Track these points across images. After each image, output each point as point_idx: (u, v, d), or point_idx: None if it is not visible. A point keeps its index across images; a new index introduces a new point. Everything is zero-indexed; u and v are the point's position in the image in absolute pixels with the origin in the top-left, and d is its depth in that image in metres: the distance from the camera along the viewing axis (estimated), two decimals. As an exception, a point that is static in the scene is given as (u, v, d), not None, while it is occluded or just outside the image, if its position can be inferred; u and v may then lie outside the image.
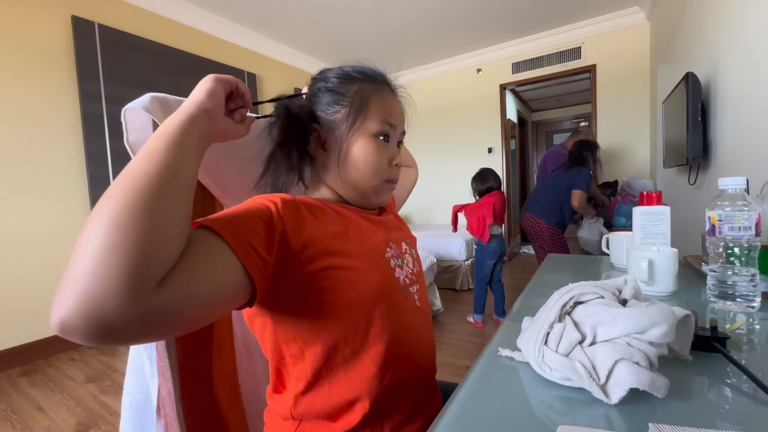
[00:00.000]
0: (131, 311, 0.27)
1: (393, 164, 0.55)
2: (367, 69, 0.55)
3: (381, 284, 0.48)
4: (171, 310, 0.30)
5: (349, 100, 0.52)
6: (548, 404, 0.37)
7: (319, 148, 0.54)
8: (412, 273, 0.57)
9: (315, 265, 0.44)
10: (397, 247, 0.56)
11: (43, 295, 2.17)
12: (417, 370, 0.53)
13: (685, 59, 2.12)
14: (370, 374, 0.47)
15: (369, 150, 0.52)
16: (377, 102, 0.53)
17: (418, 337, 0.54)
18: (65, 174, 2.27)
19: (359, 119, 0.51)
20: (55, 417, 1.56)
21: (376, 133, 0.52)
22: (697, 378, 0.41)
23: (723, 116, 1.61)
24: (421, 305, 0.56)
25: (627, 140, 3.50)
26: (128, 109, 0.48)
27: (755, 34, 1.30)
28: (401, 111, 0.57)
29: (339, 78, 0.53)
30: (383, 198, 0.57)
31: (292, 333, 0.46)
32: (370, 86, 0.53)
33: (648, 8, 3.12)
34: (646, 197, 0.82)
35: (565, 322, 0.41)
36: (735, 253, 0.59)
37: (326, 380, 0.47)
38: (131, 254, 0.28)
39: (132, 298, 0.27)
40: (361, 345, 0.47)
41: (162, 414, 0.51)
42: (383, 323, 0.48)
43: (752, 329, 0.53)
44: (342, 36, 3.49)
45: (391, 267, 0.52)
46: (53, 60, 2.21)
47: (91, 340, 0.27)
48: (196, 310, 0.32)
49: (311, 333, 0.46)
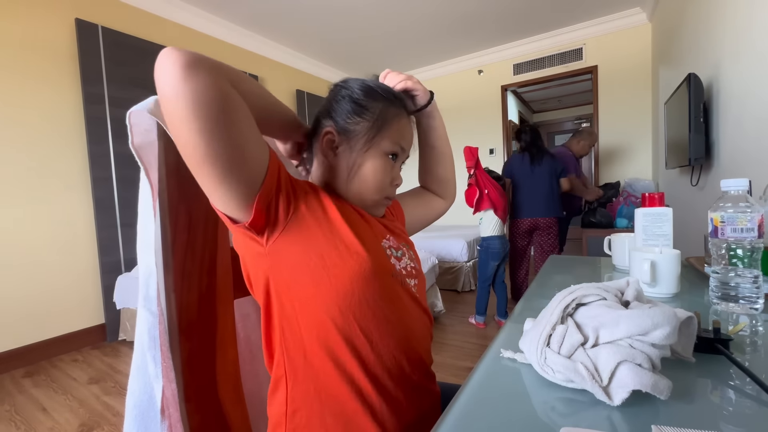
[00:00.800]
0: (218, 75, 0.40)
1: (394, 183, 0.59)
2: (390, 90, 0.58)
3: (374, 262, 0.50)
4: (229, 97, 0.40)
5: (372, 115, 0.54)
6: (551, 406, 0.37)
7: (329, 151, 0.56)
8: (412, 268, 0.59)
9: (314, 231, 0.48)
10: (394, 241, 0.59)
11: (46, 297, 2.19)
12: (412, 354, 0.54)
13: (687, 60, 2.12)
14: (360, 342, 0.49)
15: (378, 167, 0.55)
16: (396, 125, 0.56)
17: (414, 323, 0.55)
18: (68, 176, 2.29)
19: (378, 136, 0.54)
20: (58, 418, 1.57)
21: (388, 152, 0.56)
22: (700, 380, 0.41)
23: (725, 117, 1.61)
24: (420, 297, 0.58)
25: (629, 141, 3.49)
26: (133, 111, 0.48)
27: (757, 34, 1.30)
28: (411, 137, 0.61)
29: (364, 91, 0.55)
30: (379, 211, 0.60)
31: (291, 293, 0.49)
32: (393, 108, 0.56)
33: (649, 9, 3.11)
34: (648, 199, 0.82)
35: (567, 324, 0.41)
36: (738, 254, 0.59)
37: (319, 354, 0.49)
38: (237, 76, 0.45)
39: (221, 72, 0.41)
40: (353, 314, 0.48)
41: (166, 415, 0.51)
42: (376, 299, 0.50)
43: (755, 331, 0.53)
44: (344, 38, 3.50)
45: (386, 254, 0.55)
46: (57, 62, 2.23)
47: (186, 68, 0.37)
48: (238, 119, 0.41)
49: (305, 294, 0.48)
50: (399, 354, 0.52)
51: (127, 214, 2.47)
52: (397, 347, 0.51)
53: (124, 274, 2.42)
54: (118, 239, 2.45)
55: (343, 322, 0.48)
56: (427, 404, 0.56)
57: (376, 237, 0.55)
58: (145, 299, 0.52)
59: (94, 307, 2.39)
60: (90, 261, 2.38)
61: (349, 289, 0.48)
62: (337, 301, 0.48)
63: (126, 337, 2.39)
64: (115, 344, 2.37)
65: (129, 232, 2.48)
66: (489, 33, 3.60)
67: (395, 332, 0.51)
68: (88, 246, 2.37)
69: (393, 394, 0.51)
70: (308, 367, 0.49)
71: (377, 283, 0.50)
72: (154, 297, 0.51)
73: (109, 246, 2.42)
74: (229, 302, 0.60)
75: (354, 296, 0.48)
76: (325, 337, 0.49)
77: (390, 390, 0.51)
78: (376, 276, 0.50)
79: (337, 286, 0.48)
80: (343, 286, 0.48)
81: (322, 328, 0.48)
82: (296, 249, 0.48)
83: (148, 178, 0.51)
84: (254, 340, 0.68)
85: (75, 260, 2.32)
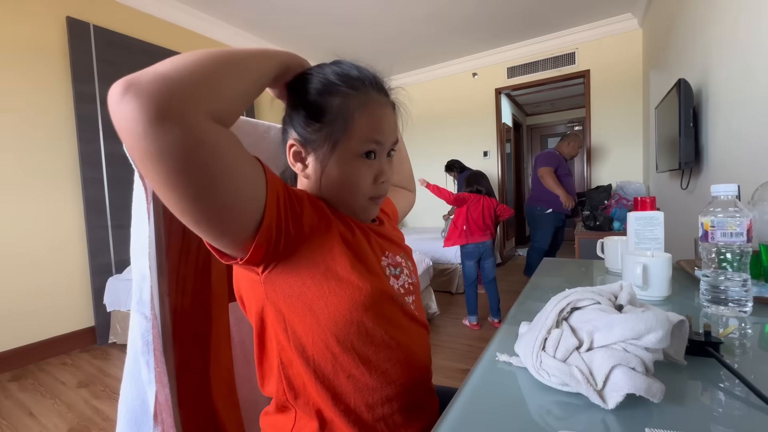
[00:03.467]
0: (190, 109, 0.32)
1: (379, 182, 0.51)
2: (351, 72, 0.49)
3: (374, 287, 0.47)
4: (209, 142, 0.34)
5: (331, 117, 0.47)
6: (546, 409, 0.37)
7: (299, 164, 0.51)
8: (409, 284, 0.56)
9: (317, 253, 0.46)
10: (393, 257, 0.55)
11: (34, 299, 2.15)
12: (413, 375, 0.53)
13: (678, 65, 2.16)
14: (359, 372, 0.47)
15: (351, 171, 0.48)
16: (363, 118, 0.47)
17: (414, 343, 0.53)
18: (59, 176, 2.25)
19: (342, 140, 0.47)
20: (46, 422, 1.54)
21: (360, 153, 0.48)
22: (691, 383, 0.41)
23: (715, 122, 1.64)
24: (418, 314, 0.56)
25: (620, 144, 3.54)
26: (127, 114, 0.48)
27: (746, 40, 1.33)
28: (391, 121, 0.51)
29: (318, 89, 0.48)
30: (370, 213, 0.55)
31: (281, 316, 0.46)
32: (355, 99, 0.47)
33: (641, 15, 3.16)
34: (640, 203, 0.83)
35: (562, 328, 0.41)
36: (727, 258, 0.60)
37: (314, 374, 0.47)
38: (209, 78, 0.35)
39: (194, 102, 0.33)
40: (351, 343, 0.47)
41: (159, 420, 0.51)
42: (375, 324, 0.48)
43: (744, 334, 0.54)
44: (338, 40, 3.50)
45: (386, 275, 0.52)
46: (48, 61, 2.20)
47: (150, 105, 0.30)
48: (221, 167, 0.35)
49: (301, 321, 0.46)
50: (399, 377, 0.50)
51: (119, 215, 2.44)
52: (397, 371, 0.50)
53: (115, 276, 2.39)
54: (109, 241, 2.42)
55: (341, 351, 0.46)
56: (428, 419, 0.55)
57: (376, 256, 0.52)
58: (139, 303, 0.51)
59: (83, 310, 2.36)
60: (80, 262, 2.34)
61: (348, 319, 0.46)
62: (335, 331, 0.46)
63: (116, 340, 2.35)
64: (105, 347, 2.34)
65: (120, 233, 2.45)
66: (483, 36, 3.63)
67: (395, 356, 0.50)
68: (77, 247, 2.33)
69: (394, 417, 0.50)
70: (308, 398, 0.48)
71: (377, 311, 0.48)
72: (147, 301, 0.50)
73: (100, 247, 2.38)
74: (223, 306, 0.60)
75: (353, 325, 0.46)
76: (322, 366, 0.47)
77: (391, 414, 0.50)
78: (375, 304, 0.47)
79: (335, 316, 0.45)
80: (342, 315, 0.45)
81: (319, 358, 0.46)
82: (294, 279, 0.45)
83: (143, 182, 0.50)
84: (249, 344, 0.68)
85: (64, 262, 2.28)
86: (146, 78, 0.31)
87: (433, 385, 0.61)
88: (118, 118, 0.31)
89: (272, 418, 0.52)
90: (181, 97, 0.32)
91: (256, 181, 0.39)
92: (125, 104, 0.30)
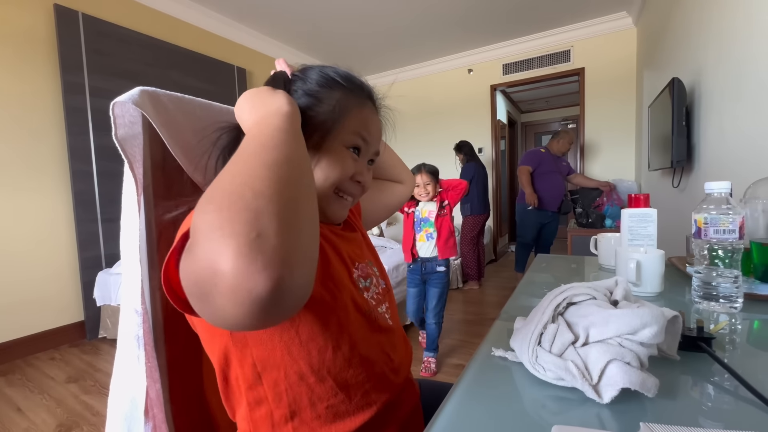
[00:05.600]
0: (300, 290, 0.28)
1: (355, 179, 0.50)
2: (353, 78, 0.51)
3: (347, 312, 0.46)
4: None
5: (329, 107, 0.48)
6: (541, 404, 0.37)
7: None
8: (379, 293, 0.55)
9: None
10: (362, 267, 0.54)
11: (21, 293, 2.11)
12: (395, 385, 0.52)
13: (671, 64, 2.17)
14: (338, 400, 0.45)
15: (336, 159, 0.48)
16: (358, 114, 0.49)
17: (393, 352, 0.52)
18: (46, 169, 2.20)
19: (334, 129, 0.47)
20: (34, 418, 1.52)
21: (348, 144, 0.49)
22: (685, 377, 0.42)
23: (707, 121, 1.66)
24: (393, 323, 0.55)
25: (613, 143, 3.57)
26: (117, 102, 0.47)
27: (739, 40, 1.34)
28: (378, 130, 0.54)
29: (321, 82, 0.49)
30: (335, 211, 0.51)
31: (248, 353, 0.43)
32: (354, 97, 0.50)
33: (636, 14, 3.18)
34: (634, 200, 0.83)
35: (558, 323, 0.41)
36: (719, 255, 0.61)
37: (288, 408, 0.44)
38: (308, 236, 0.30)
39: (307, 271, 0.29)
40: (327, 370, 0.44)
41: (150, 416, 0.50)
42: (352, 346, 0.46)
43: (734, 329, 0.55)
44: (334, 35, 3.46)
45: (360, 288, 0.51)
46: (34, 50, 2.14)
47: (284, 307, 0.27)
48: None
49: (271, 357, 0.42)
50: (377, 391, 0.49)
51: (109, 208, 2.40)
52: (375, 386, 0.48)
53: (105, 270, 2.35)
54: (99, 234, 2.38)
55: (316, 381, 0.43)
56: (406, 413, 0.54)
57: (348, 270, 0.50)
58: (129, 297, 0.50)
59: (72, 304, 2.32)
60: (69, 256, 2.30)
61: (322, 345, 0.43)
62: (308, 360, 0.43)
63: (106, 335, 2.33)
64: (95, 342, 2.31)
65: (110, 227, 2.41)
66: (479, 32, 3.62)
67: (375, 374, 0.48)
68: (66, 241, 2.29)
69: (378, 426, 0.49)
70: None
71: (352, 331, 0.46)
72: (138, 295, 0.49)
73: (89, 241, 2.34)
74: (216, 300, 0.59)
75: (327, 351, 0.43)
76: (296, 400, 0.43)
77: (374, 425, 0.48)
78: (351, 324, 0.46)
79: (308, 345, 0.43)
80: (316, 343, 0.43)
81: (292, 390, 0.43)
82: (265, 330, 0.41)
83: (132, 172, 0.49)
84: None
85: (53, 255, 2.24)
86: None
87: (411, 376, 0.60)
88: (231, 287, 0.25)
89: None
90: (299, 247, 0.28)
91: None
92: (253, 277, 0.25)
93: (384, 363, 0.50)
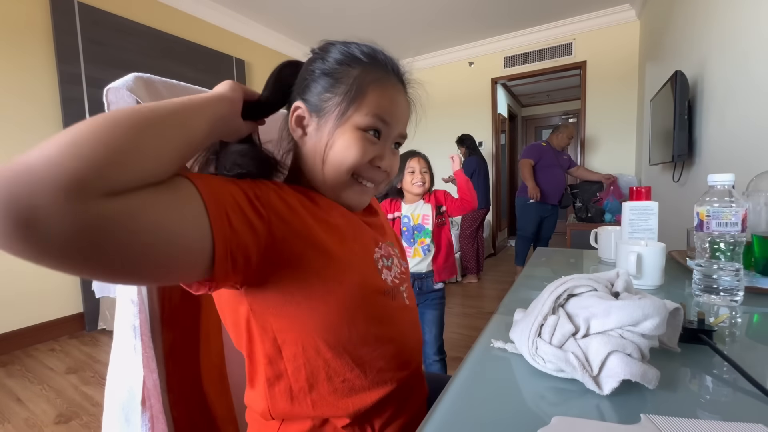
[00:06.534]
0: (70, 206, 0.24)
1: (375, 164, 0.48)
2: (378, 52, 0.49)
3: (364, 286, 0.45)
4: (113, 226, 0.27)
5: (345, 87, 0.46)
6: (541, 395, 0.37)
7: (298, 129, 0.48)
8: (401, 273, 0.54)
9: (297, 259, 0.41)
10: (385, 248, 0.53)
11: (20, 284, 2.10)
12: (407, 367, 0.52)
13: (674, 58, 2.15)
14: (354, 375, 0.45)
15: (350, 141, 0.45)
16: (376, 93, 0.46)
17: (405, 335, 0.52)
18: (43, 159, 2.18)
19: (350, 110, 0.45)
20: (34, 408, 1.52)
21: (364, 126, 0.46)
22: (685, 369, 0.42)
23: (708, 115, 1.64)
24: (410, 302, 0.55)
25: (614, 137, 3.55)
26: (111, 88, 0.46)
27: (742, 33, 1.32)
28: (403, 109, 0.50)
29: (340, 60, 0.47)
30: (353, 198, 0.50)
31: (268, 327, 0.43)
32: (373, 74, 0.47)
33: (638, 6, 3.14)
34: (635, 193, 0.83)
35: (558, 314, 0.41)
36: (720, 248, 0.60)
37: (306, 382, 0.44)
38: (95, 148, 0.26)
39: (76, 192, 0.25)
40: (343, 346, 0.44)
41: (147, 406, 0.50)
42: (368, 324, 0.46)
43: (735, 322, 0.55)
44: (333, 24, 3.42)
45: (378, 268, 0.49)
46: (29, 39, 2.11)
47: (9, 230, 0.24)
48: (142, 243, 0.29)
49: (290, 330, 0.43)
50: (392, 369, 0.49)
51: (107, 200, 2.39)
52: (390, 364, 0.48)
53: (104, 262, 2.35)
54: (97, 226, 2.37)
55: (333, 357, 0.44)
56: (416, 406, 0.54)
57: (367, 250, 0.49)
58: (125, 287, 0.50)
59: (71, 296, 2.32)
60: (67, 248, 2.29)
61: (338, 321, 0.43)
62: (325, 336, 0.43)
63: (106, 326, 2.33)
64: (95, 333, 2.31)
65: (108, 218, 2.40)
66: (480, 25, 3.58)
67: (388, 350, 0.48)
68: (64, 233, 2.28)
69: (385, 408, 0.49)
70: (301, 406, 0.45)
71: (369, 309, 0.46)
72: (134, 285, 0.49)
73: (88, 233, 2.33)
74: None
75: (344, 328, 0.44)
76: (313, 374, 0.44)
77: (383, 406, 0.48)
78: (367, 303, 0.45)
79: (325, 320, 0.43)
80: (332, 319, 0.43)
81: (310, 364, 0.44)
82: (278, 288, 0.42)
83: (128, 160, 0.48)
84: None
85: (51, 247, 2.23)
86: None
87: (423, 372, 0.60)
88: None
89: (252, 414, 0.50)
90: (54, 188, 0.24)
91: (191, 223, 0.33)
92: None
93: (399, 342, 0.50)
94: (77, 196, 0.25)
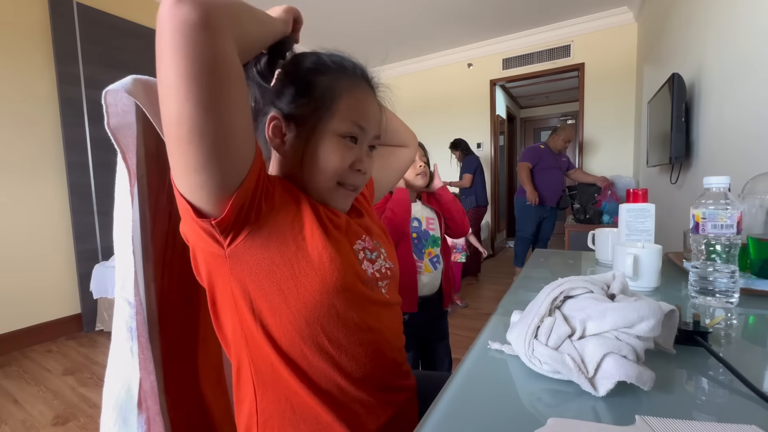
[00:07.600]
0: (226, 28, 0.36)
1: (355, 168, 0.50)
2: (345, 60, 0.51)
3: (345, 274, 0.46)
4: (232, 60, 0.37)
5: (318, 93, 0.48)
6: (537, 397, 0.37)
7: (277, 140, 0.50)
8: (386, 269, 0.55)
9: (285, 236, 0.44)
10: (369, 241, 0.54)
11: (19, 285, 2.10)
12: (385, 357, 0.52)
13: (671, 60, 2.16)
14: (332, 362, 0.46)
15: (330, 150, 0.48)
16: (349, 100, 0.49)
17: (386, 328, 0.53)
18: (42, 161, 2.18)
19: (325, 118, 0.48)
20: (31, 410, 1.52)
21: (342, 133, 0.48)
22: (680, 371, 0.42)
23: (706, 117, 1.65)
24: (390, 297, 0.55)
25: (612, 138, 3.57)
26: (109, 91, 0.46)
27: (740, 35, 1.33)
28: (375, 112, 0.53)
29: (310, 68, 0.49)
30: (339, 202, 0.52)
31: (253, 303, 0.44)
32: (344, 81, 0.49)
33: (636, 9, 3.16)
34: (632, 195, 0.83)
35: (555, 316, 0.41)
36: (716, 250, 0.60)
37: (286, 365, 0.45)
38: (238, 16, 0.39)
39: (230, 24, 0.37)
40: (323, 332, 0.45)
41: (144, 408, 0.50)
42: (347, 311, 0.47)
43: (730, 324, 0.55)
44: (333, 24, 3.43)
45: (359, 259, 0.50)
46: (28, 40, 2.11)
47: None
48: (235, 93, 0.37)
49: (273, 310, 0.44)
50: (370, 360, 0.49)
51: (105, 200, 2.39)
52: (367, 354, 0.49)
53: (102, 263, 2.34)
54: (95, 227, 2.37)
55: (310, 334, 0.45)
56: (402, 399, 0.54)
57: (349, 239, 0.51)
58: (123, 289, 0.50)
59: (69, 297, 2.31)
60: (65, 249, 2.29)
61: (318, 300, 0.44)
62: (304, 313, 0.44)
63: (103, 328, 2.32)
64: (92, 335, 2.31)
65: (106, 219, 2.40)
66: (479, 26, 3.59)
67: (365, 339, 0.49)
68: (63, 233, 2.28)
69: (366, 399, 0.49)
70: (277, 378, 0.46)
71: (347, 293, 0.47)
72: (131, 287, 0.49)
73: (86, 233, 2.33)
74: (212, 292, 0.59)
75: (323, 307, 0.45)
76: (291, 349, 0.45)
77: (363, 396, 0.49)
78: (346, 286, 0.46)
79: (305, 297, 0.44)
80: (312, 297, 0.44)
81: (287, 339, 0.45)
82: (262, 256, 0.43)
83: (125, 162, 0.48)
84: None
85: (49, 248, 2.23)
86: None
87: (409, 367, 0.60)
88: (169, 16, 0.33)
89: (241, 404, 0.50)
90: (224, 16, 0.36)
91: (251, 138, 0.41)
92: (181, 6, 0.33)
93: (376, 333, 0.50)
94: (230, 30, 0.37)
